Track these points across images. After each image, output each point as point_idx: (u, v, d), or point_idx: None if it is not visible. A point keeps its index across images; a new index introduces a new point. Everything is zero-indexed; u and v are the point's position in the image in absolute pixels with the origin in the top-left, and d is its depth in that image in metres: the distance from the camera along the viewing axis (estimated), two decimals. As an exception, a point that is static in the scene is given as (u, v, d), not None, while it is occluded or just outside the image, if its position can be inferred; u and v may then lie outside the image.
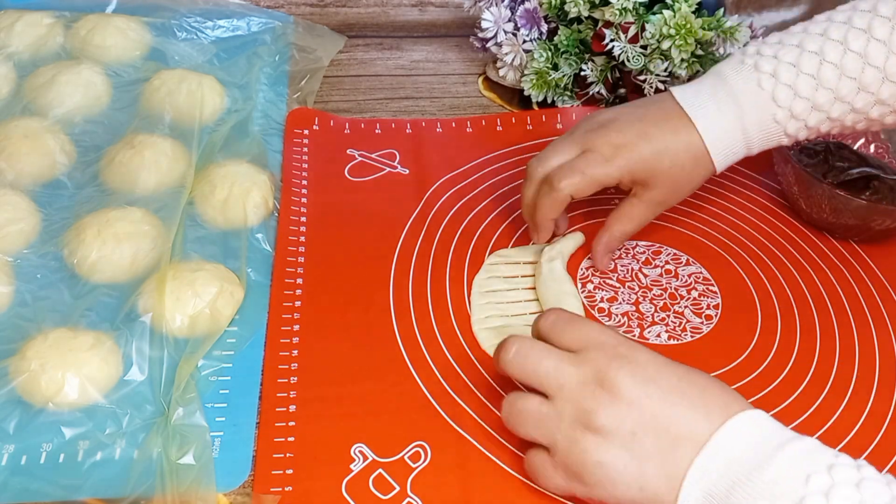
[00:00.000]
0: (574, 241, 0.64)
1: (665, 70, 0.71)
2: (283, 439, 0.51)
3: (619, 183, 0.59)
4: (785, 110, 0.56)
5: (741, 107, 0.57)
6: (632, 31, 0.70)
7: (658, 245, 0.66)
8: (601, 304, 0.61)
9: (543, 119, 0.76)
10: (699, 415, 0.43)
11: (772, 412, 0.54)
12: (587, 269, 0.63)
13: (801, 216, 0.69)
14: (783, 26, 0.60)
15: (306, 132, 0.73)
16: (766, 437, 0.42)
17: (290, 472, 0.50)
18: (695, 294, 0.62)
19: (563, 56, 0.74)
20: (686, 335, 0.60)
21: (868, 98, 0.56)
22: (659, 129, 0.57)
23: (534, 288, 0.61)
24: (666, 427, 0.43)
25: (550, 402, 0.46)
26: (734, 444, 0.42)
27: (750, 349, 0.59)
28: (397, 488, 0.49)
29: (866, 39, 0.55)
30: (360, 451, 0.51)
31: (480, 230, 0.66)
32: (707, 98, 0.57)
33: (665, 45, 0.69)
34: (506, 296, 0.61)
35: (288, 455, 0.51)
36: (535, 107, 0.78)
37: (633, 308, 0.61)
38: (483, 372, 0.56)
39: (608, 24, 0.71)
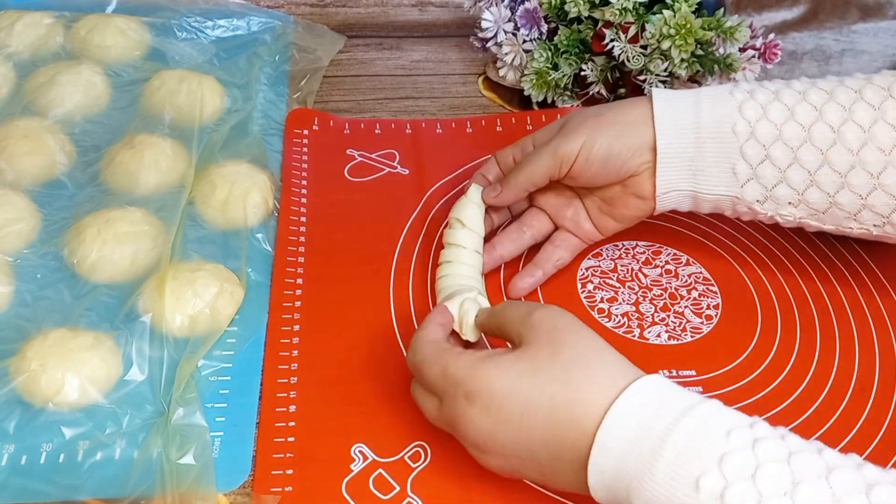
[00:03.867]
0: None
1: (665, 70, 0.71)
2: (283, 439, 0.51)
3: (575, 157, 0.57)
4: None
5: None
6: (632, 31, 0.70)
7: (658, 245, 0.66)
8: (601, 305, 0.61)
9: (543, 119, 0.76)
10: (593, 388, 0.42)
11: (771, 412, 0.55)
12: (587, 269, 0.63)
13: (801, 216, 0.69)
14: (783, 26, 0.59)
15: (306, 132, 0.73)
16: (670, 400, 0.40)
17: (290, 472, 0.50)
18: (695, 294, 0.62)
19: (563, 56, 0.74)
20: (686, 335, 0.60)
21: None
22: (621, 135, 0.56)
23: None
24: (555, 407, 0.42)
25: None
26: (638, 409, 0.40)
27: (750, 349, 0.59)
28: (397, 488, 0.49)
29: (816, 116, 0.54)
30: (360, 451, 0.51)
31: (480, 230, 0.65)
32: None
33: (665, 45, 0.69)
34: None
35: (288, 455, 0.51)
36: (535, 107, 0.78)
37: (633, 308, 0.61)
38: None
39: (608, 24, 0.71)
